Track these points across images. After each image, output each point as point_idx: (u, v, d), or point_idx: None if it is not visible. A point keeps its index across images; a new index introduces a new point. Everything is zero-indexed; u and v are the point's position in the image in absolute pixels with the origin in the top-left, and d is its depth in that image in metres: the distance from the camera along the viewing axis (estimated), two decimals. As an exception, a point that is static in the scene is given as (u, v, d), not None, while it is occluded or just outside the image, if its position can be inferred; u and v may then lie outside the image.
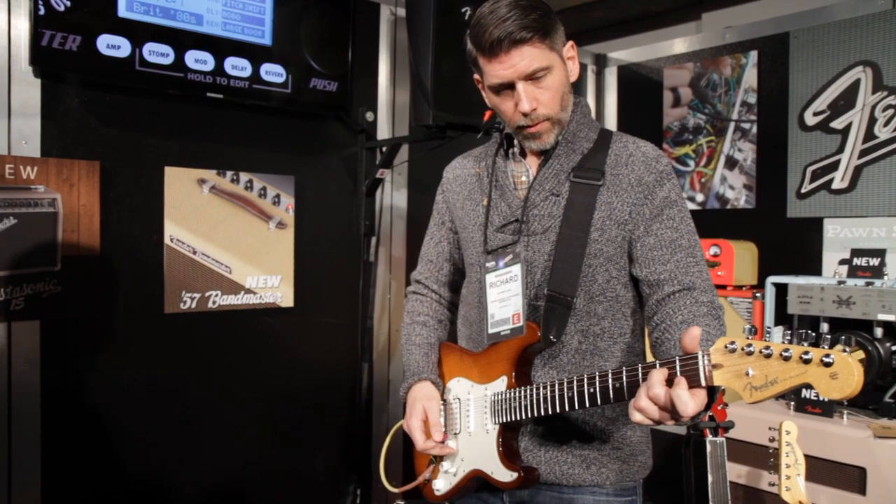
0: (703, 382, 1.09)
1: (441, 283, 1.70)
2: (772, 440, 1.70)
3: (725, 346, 1.06)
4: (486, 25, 1.36)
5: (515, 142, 1.52)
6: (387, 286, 2.79)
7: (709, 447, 1.72)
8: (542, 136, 1.42)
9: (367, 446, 2.72)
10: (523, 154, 1.52)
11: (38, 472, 2.01)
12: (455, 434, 1.50)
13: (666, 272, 1.39)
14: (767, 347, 1.01)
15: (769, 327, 2.42)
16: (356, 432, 2.69)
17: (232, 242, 2.35)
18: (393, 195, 2.78)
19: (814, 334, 0.98)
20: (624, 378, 1.21)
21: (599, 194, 1.41)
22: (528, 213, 1.45)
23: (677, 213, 1.41)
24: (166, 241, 2.21)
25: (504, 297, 1.45)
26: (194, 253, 2.26)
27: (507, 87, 1.40)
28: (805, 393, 2.12)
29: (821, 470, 1.99)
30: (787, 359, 0.98)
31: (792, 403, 2.16)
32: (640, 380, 1.18)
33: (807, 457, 1.73)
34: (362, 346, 2.68)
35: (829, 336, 0.98)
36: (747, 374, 1.01)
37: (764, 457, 2.00)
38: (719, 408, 1.77)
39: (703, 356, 1.10)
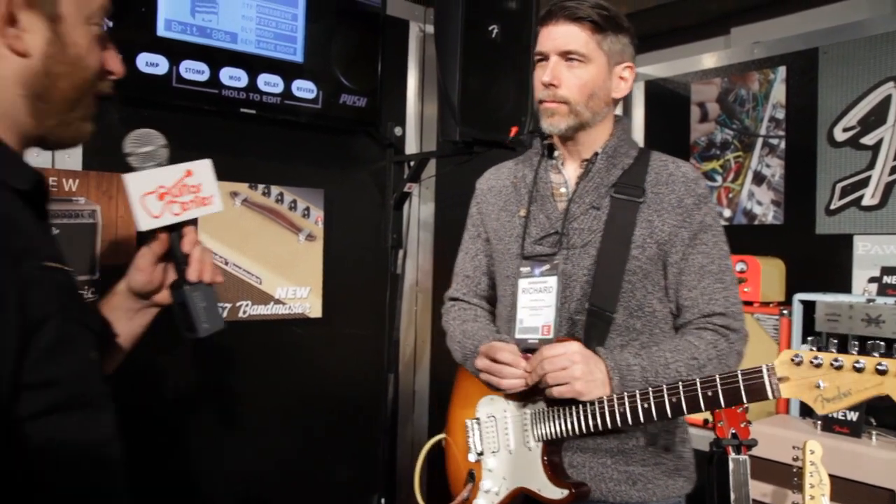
0: (770, 396, 1.12)
1: (480, 297, 1.68)
2: (795, 459, 1.70)
3: (791, 359, 1.07)
4: (555, 1, 1.43)
5: (557, 152, 1.54)
6: (413, 298, 2.83)
7: (731, 465, 1.71)
8: (555, 116, 1.44)
9: (392, 457, 2.74)
10: (564, 165, 1.53)
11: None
12: (493, 452, 1.48)
13: (690, 299, 1.42)
14: (837, 359, 1.02)
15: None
16: (381, 443, 2.72)
17: (262, 254, 2.40)
18: (420, 209, 2.82)
19: (882, 344, 0.99)
20: (681, 393, 1.23)
21: (640, 211, 1.42)
22: (567, 225, 1.45)
23: (711, 237, 1.44)
24: (199, 252, 2.27)
25: (536, 305, 1.45)
26: (226, 264, 2.32)
27: (544, 59, 1.45)
28: (833, 413, 2.10)
29: (849, 491, 1.97)
30: (860, 370, 0.99)
31: (819, 423, 2.14)
32: (700, 395, 1.21)
33: (835, 477, 1.72)
34: (388, 357, 2.72)
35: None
36: (818, 386, 1.03)
37: (789, 476, 1.99)
38: (742, 425, 1.76)
39: (767, 369, 1.12)
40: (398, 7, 2.75)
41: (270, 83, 2.30)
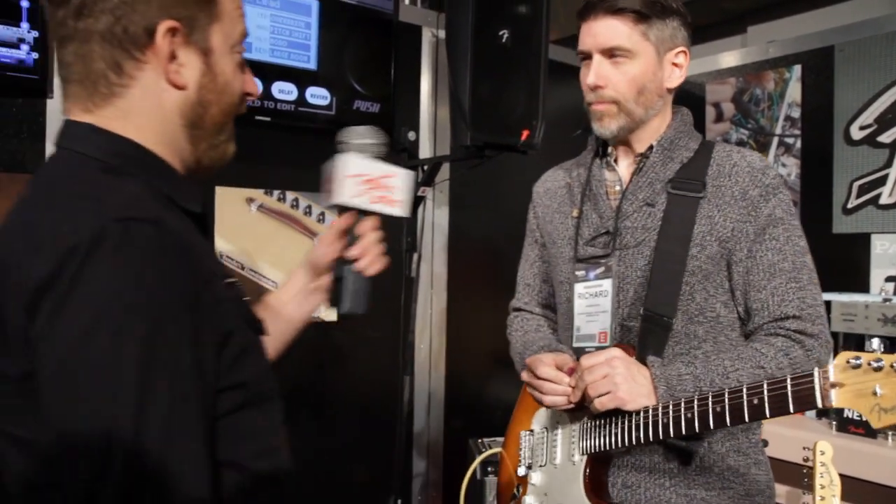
0: (819, 404, 0.98)
1: (543, 305, 1.59)
2: (806, 460, 1.69)
3: (848, 362, 0.94)
4: None
5: (610, 148, 1.44)
6: (428, 301, 2.85)
7: (742, 465, 1.71)
8: (604, 118, 1.33)
9: (408, 459, 2.77)
10: (617, 161, 1.43)
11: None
12: (541, 466, 1.40)
13: (759, 301, 1.27)
14: None
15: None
16: (397, 445, 2.74)
17: (278, 258, 2.44)
18: (434, 212, 2.84)
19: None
20: (726, 401, 1.10)
21: (700, 207, 1.29)
22: (619, 224, 1.35)
23: (782, 232, 1.28)
24: (216, 257, 2.32)
25: (592, 311, 1.35)
26: (242, 268, 2.36)
27: (587, 57, 1.34)
28: (847, 412, 2.09)
29: (864, 492, 1.95)
30: None
31: (834, 423, 2.13)
32: (745, 403, 1.07)
33: (850, 478, 1.71)
34: (403, 359, 2.74)
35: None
36: (875, 393, 0.90)
37: (803, 477, 1.98)
38: (754, 426, 1.76)
39: (819, 373, 0.99)
40: (411, 13, 2.78)
41: (285, 90, 2.34)
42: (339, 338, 2.59)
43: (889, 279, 2.47)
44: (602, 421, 1.28)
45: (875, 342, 0.98)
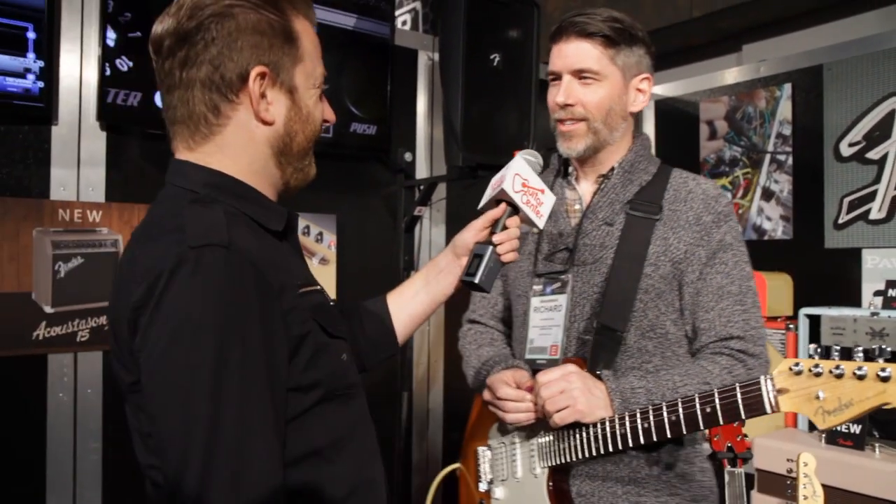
0: (768, 410, 1.05)
1: (497, 319, 1.64)
2: (789, 471, 1.72)
3: (790, 368, 0.99)
4: (567, 14, 1.37)
5: (571, 168, 1.49)
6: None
7: (727, 478, 1.74)
8: (574, 138, 1.39)
9: (407, 475, 2.80)
10: (578, 181, 1.48)
11: (98, 491, 2.17)
12: (502, 481, 1.45)
13: (706, 321, 1.34)
14: (838, 367, 0.93)
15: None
16: (395, 461, 2.78)
17: (278, 277, 2.50)
18: (431, 231, 2.90)
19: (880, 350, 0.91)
20: (680, 410, 1.17)
21: (656, 228, 1.36)
22: (578, 241, 1.40)
23: (731, 257, 1.35)
24: (217, 276, 2.38)
25: (546, 324, 1.40)
26: (243, 288, 2.42)
27: (557, 78, 1.40)
28: (835, 427, 2.11)
29: (852, 503, 1.98)
30: (861, 378, 0.90)
31: (823, 436, 2.15)
32: (699, 412, 1.15)
33: (839, 490, 1.72)
34: (402, 375, 2.79)
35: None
36: (818, 397, 0.95)
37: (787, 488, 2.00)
38: (738, 438, 1.79)
39: (766, 381, 1.05)
40: (407, 37, 2.85)
41: (283, 114, 2.41)
42: (338, 355, 2.64)
43: (877, 293, 2.49)
44: (560, 434, 1.33)
45: (811, 347, 1.01)
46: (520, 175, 1.24)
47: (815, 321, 2.42)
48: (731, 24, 3.50)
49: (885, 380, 0.88)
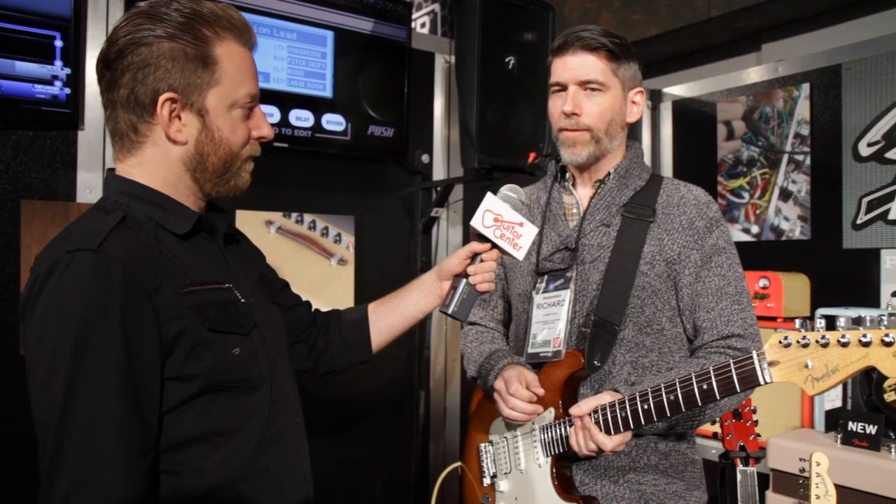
0: (761, 381, 1.11)
1: (497, 321, 1.72)
2: (802, 471, 1.72)
3: (780, 342, 1.06)
4: (568, 30, 1.47)
5: (568, 174, 1.58)
6: (443, 318, 2.93)
7: (739, 476, 1.76)
8: (577, 146, 1.47)
9: (424, 473, 2.83)
10: (575, 186, 1.57)
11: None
12: (506, 474, 1.50)
13: (708, 320, 1.41)
14: (823, 336, 1.01)
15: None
16: (413, 459, 2.81)
17: (296, 278, 2.54)
18: (448, 232, 2.93)
19: (870, 317, 1.00)
20: (678, 390, 1.22)
21: (650, 230, 1.44)
22: (579, 242, 1.48)
23: (725, 260, 1.43)
24: (238, 277, 2.43)
25: (548, 319, 1.48)
26: (263, 288, 2.47)
27: (563, 89, 1.48)
28: (852, 426, 2.11)
29: (867, 503, 1.98)
30: (845, 345, 0.98)
31: (839, 436, 2.15)
32: (696, 389, 1.20)
33: (854, 490, 1.73)
34: (419, 374, 2.82)
35: (885, 316, 0.98)
36: (806, 366, 1.02)
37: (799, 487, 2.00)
38: (751, 438, 1.80)
39: (758, 355, 1.11)
40: (424, 40, 2.89)
41: (301, 118, 2.45)
42: (356, 354, 2.68)
43: (895, 294, 2.48)
44: (562, 422, 1.39)
45: (819, 321, 1.08)
46: (491, 211, 1.31)
47: (831, 322, 2.41)
48: (748, 23, 3.48)
49: (866, 345, 0.95)
